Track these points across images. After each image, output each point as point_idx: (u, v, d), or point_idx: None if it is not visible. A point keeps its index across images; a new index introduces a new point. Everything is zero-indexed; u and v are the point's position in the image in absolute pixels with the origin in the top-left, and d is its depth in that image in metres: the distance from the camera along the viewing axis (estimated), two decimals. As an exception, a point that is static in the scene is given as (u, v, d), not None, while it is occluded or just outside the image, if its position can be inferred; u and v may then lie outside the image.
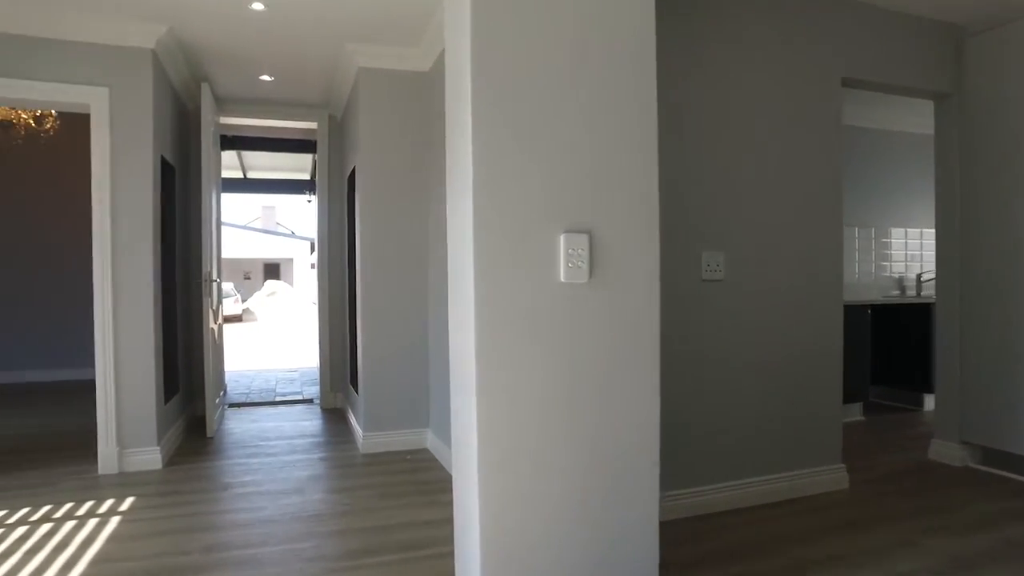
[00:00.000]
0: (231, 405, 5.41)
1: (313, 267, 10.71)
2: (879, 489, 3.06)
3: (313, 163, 6.73)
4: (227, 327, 7.58)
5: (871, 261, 5.22)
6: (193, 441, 4.14)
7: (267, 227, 29.45)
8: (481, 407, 1.63)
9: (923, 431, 4.10)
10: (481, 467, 1.63)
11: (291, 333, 14.22)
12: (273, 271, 28.16)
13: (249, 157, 7.83)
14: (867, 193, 5.12)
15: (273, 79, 4.36)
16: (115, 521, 2.74)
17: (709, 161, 2.79)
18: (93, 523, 2.72)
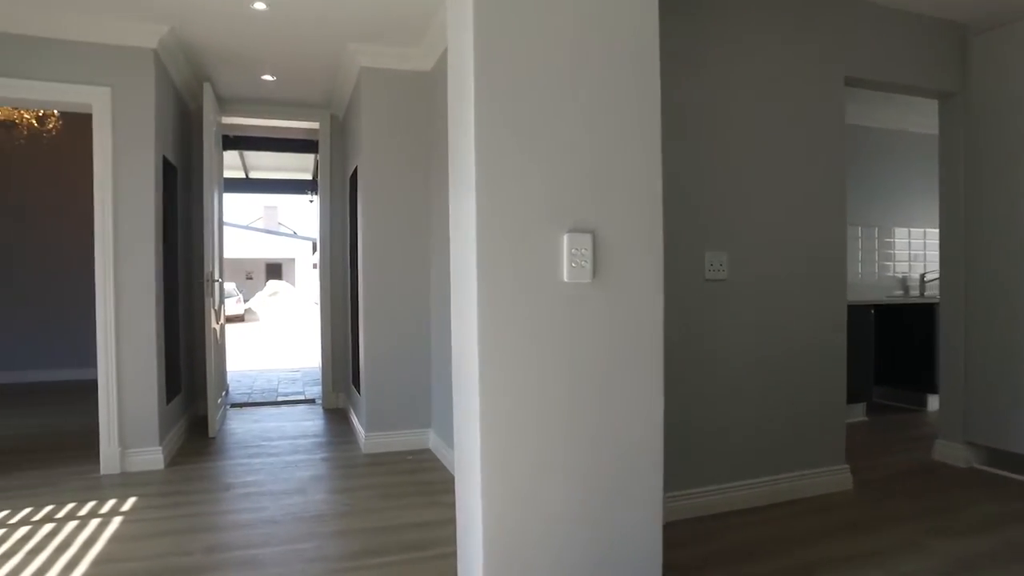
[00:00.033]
0: (233, 405, 5.40)
1: (315, 267, 10.71)
2: (883, 490, 3.05)
3: (315, 163, 6.73)
4: (229, 327, 7.58)
5: (874, 261, 5.20)
6: (195, 441, 4.14)
7: (269, 227, 29.47)
8: (484, 407, 1.62)
9: (927, 431, 4.09)
10: (484, 467, 1.62)
11: (293, 333, 14.22)
12: (275, 271, 28.19)
13: (251, 157, 7.84)
14: (870, 193, 5.10)
15: (275, 79, 4.36)
16: (117, 521, 2.74)
17: (712, 160, 2.78)
18: (95, 523, 2.71)
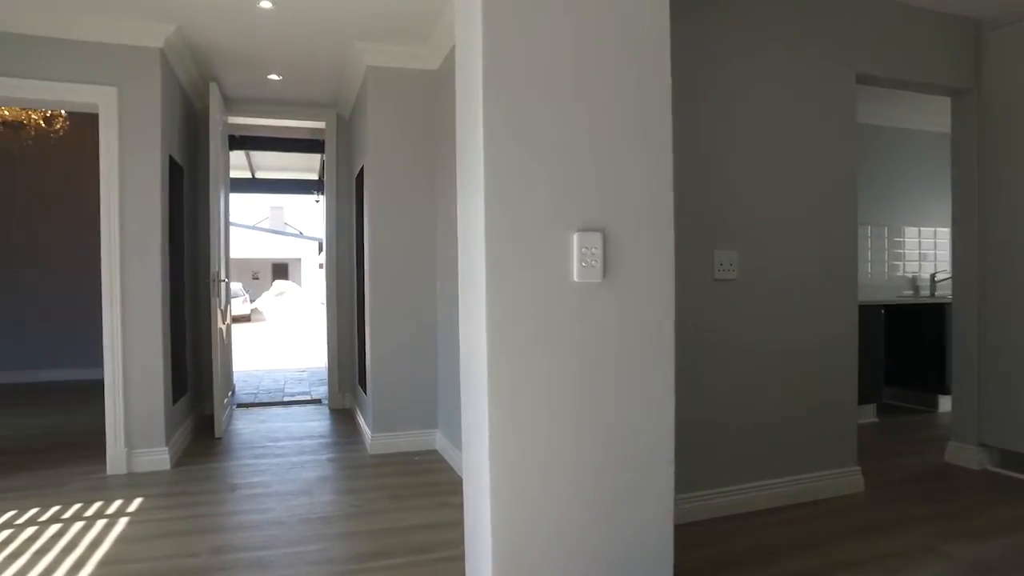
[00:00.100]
0: (239, 405, 5.40)
1: (321, 267, 10.72)
2: (896, 492, 3.01)
3: (321, 163, 6.73)
4: (235, 327, 7.58)
5: (884, 261, 5.15)
6: (201, 441, 4.13)
7: (275, 227, 29.56)
8: (493, 408, 1.60)
9: (939, 433, 4.04)
10: (492, 468, 1.60)
11: (299, 333, 14.24)
12: (281, 271, 28.27)
13: (257, 157, 7.85)
14: (880, 192, 5.05)
15: (281, 78, 4.35)
16: (123, 522, 2.73)
17: (722, 158, 2.75)
18: (101, 524, 2.71)
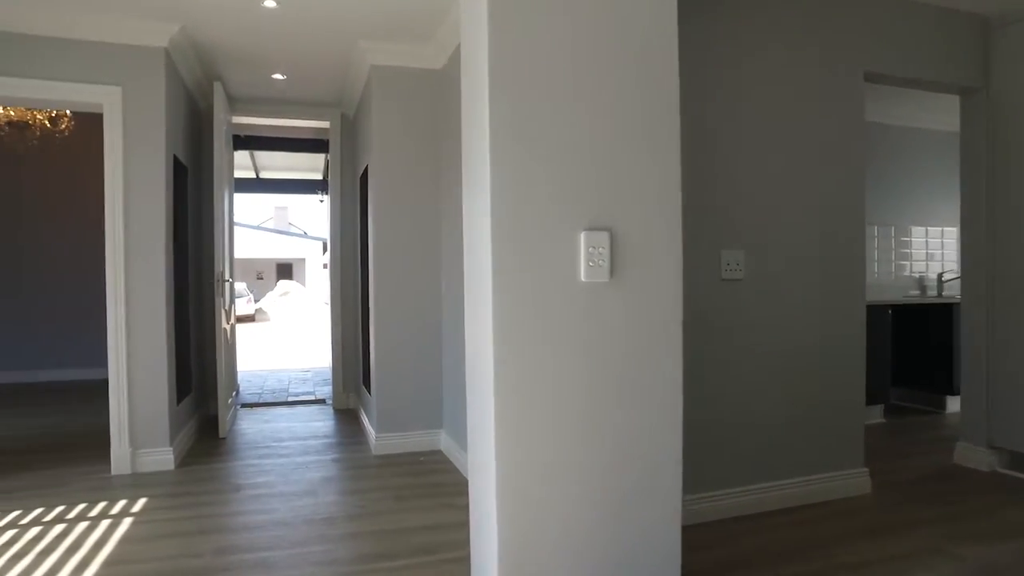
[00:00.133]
0: (244, 405, 5.40)
1: (325, 267, 10.72)
2: (904, 494, 2.98)
3: (325, 162, 6.72)
4: (240, 327, 7.59)
5: (891, 260, 5.13)
6: (205, 442, 4.13)
7: (280, 227, 29.62)
8: (499, 408, 1.58)
9: (946, 434, 4.01)
10: (499, 468, 1.59)
11: (304, 333, 14.26)
12: (286, 271, 28.32)
13: (262, 157, 7.85)
14: (886, 191, 5.02)
15: (285, 78, 4.35)
16: (127, 522, 2.72)
17: (729, 158, 2.73)
18: (106, 524, 2.70)
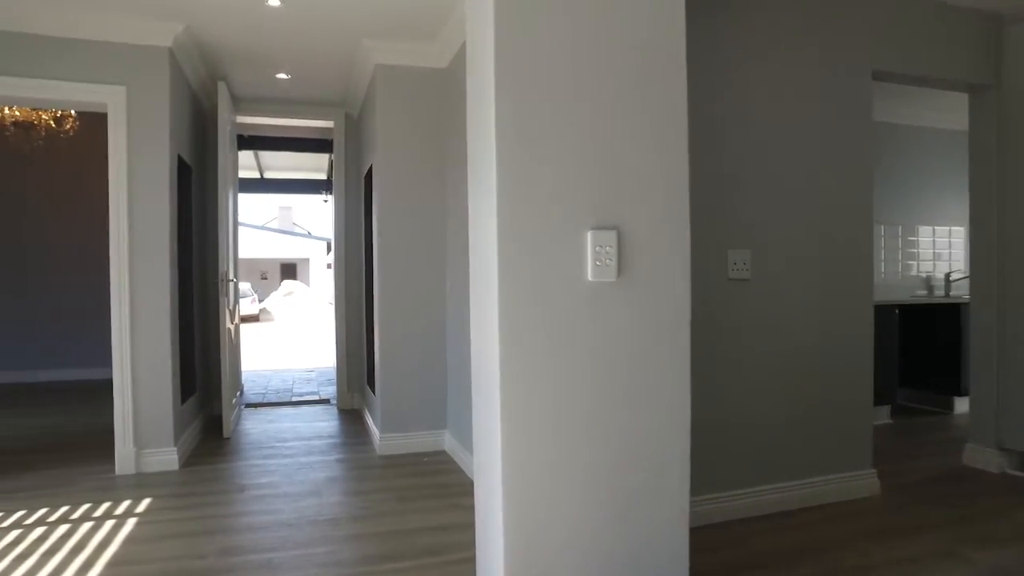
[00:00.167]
0: (248, 405, 5.40)
1: (329, 267, 10.72)
2: (912, 496, 2.95)
3: (330, 162, 6.72)
4: (244, 327, 7.60)
5: (898, 260, 5.09)
6: (210, 442, 4.12)
7: (284, 227, 29.65)
8: (505, 408, 1.57)
9: (955, 435, 3.97)
10: (504, 468, 1.57)
11: (308, 333, 14.26)
12: (290, 271, 28.36)
13: (266, 157, 7.85)
14: (894, 190, 4.99)
15: (290, 77, 4.34)
16: (132, 523, 2.72)
17: (736, 158, 2.71)
18: (110, 525, 2.70)
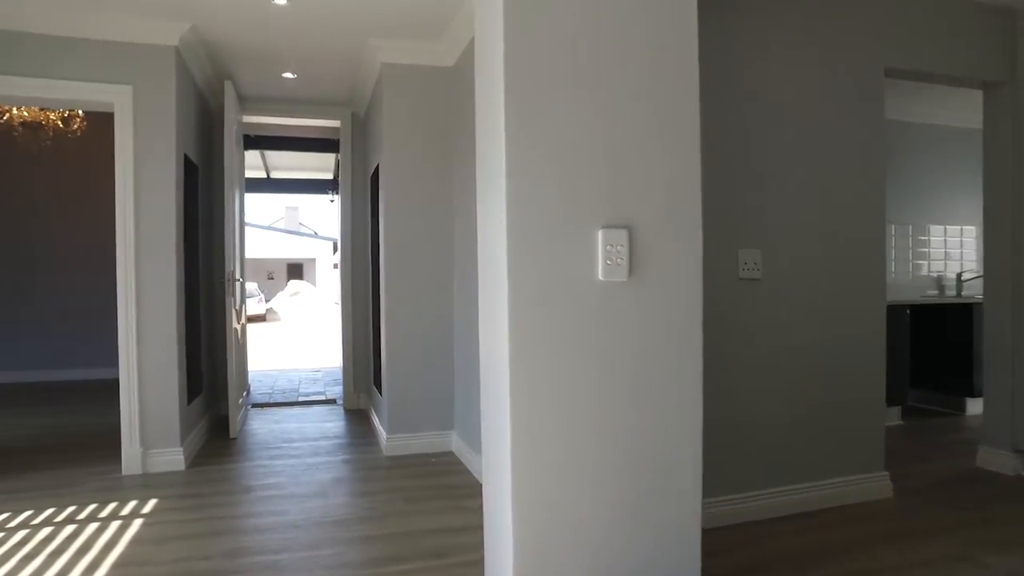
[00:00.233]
0: (254, 405, 5.39)
1: (336, 267, 10.73)
2: (925, 498, 2.91)
3: (336, 162, 6.71)
4: (250, 327, 7.60)
5: (908, 260, 5.03)
6: (216, 442, 4.11)
7: (290, 227, 29.75)
8: (514, 409, 1.54)
9: (968, 437, 3.92)
10: (513, 469, 1.55)
11: (314, 333, 14.28)
12: (296, 271, 28.43)
13: (272, 157, 7.86)
14: (904, 189, 4.93)
15: (296, 76, 4.33)
16: (138, 524, 2.71)
17: (747, 157, 2.67)
18: (116, 525, 2.69)
